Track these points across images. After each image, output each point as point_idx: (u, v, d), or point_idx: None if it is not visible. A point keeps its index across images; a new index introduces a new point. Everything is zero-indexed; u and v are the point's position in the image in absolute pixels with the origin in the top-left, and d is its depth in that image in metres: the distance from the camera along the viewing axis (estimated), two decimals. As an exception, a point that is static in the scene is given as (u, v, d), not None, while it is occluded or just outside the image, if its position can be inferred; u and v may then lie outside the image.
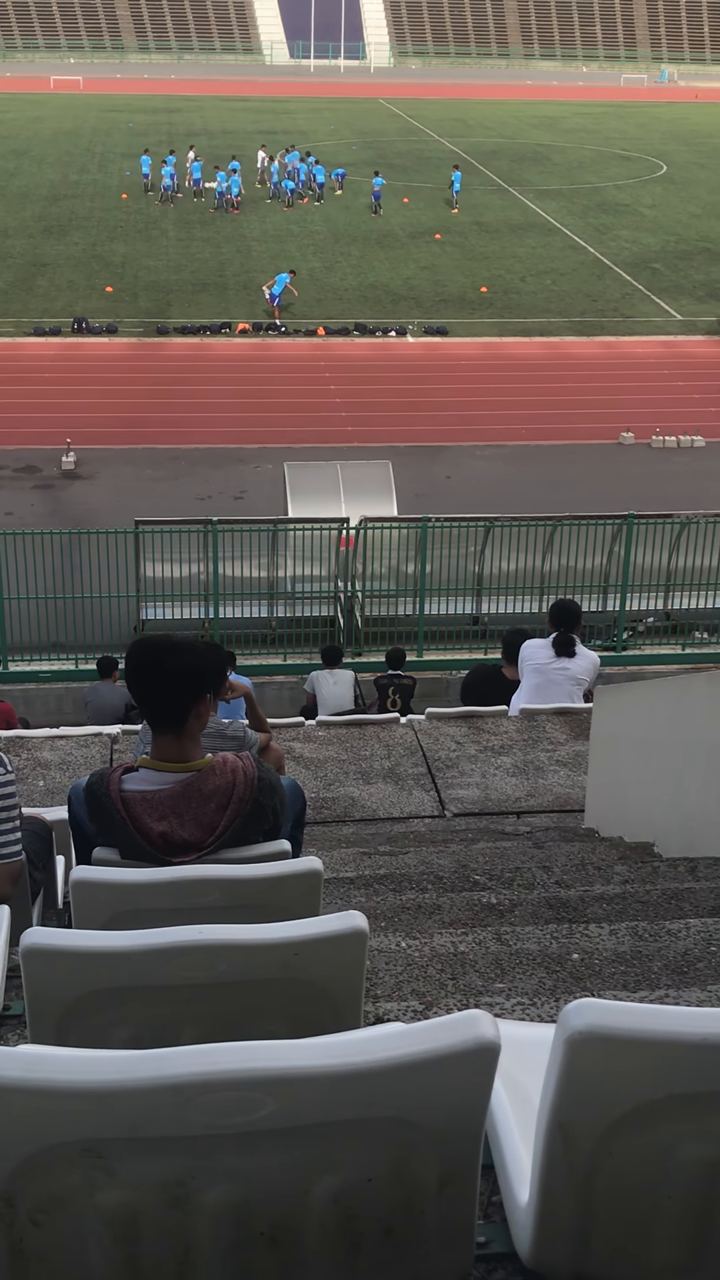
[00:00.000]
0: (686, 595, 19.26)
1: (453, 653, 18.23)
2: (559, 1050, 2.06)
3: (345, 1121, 1.99)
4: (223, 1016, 2.78)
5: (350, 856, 6.29)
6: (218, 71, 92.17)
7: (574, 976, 3.98)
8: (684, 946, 4.15)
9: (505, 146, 63.68)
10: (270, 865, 3.46)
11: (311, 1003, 2.82)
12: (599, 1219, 2.19)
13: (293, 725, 10.34)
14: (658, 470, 26.76)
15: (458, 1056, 1.98)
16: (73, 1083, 1.91)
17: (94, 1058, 1.96)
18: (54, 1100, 1.92)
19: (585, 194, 53.53)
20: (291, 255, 41.67)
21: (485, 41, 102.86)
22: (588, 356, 34.73)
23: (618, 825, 6.92)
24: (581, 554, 18.76)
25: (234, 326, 36.02)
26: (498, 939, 4.34)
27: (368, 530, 18.53)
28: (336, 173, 51.77)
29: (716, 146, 65.75)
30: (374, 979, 3.94)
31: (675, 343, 36.09)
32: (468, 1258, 2.22)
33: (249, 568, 18.56)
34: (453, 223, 47.69)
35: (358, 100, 79.03)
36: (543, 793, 8.42)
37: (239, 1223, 2.03)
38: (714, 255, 44.40)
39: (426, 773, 8.80)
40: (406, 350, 35.04)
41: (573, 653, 9.63)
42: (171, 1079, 1.91)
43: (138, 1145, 1.95)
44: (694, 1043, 2.01)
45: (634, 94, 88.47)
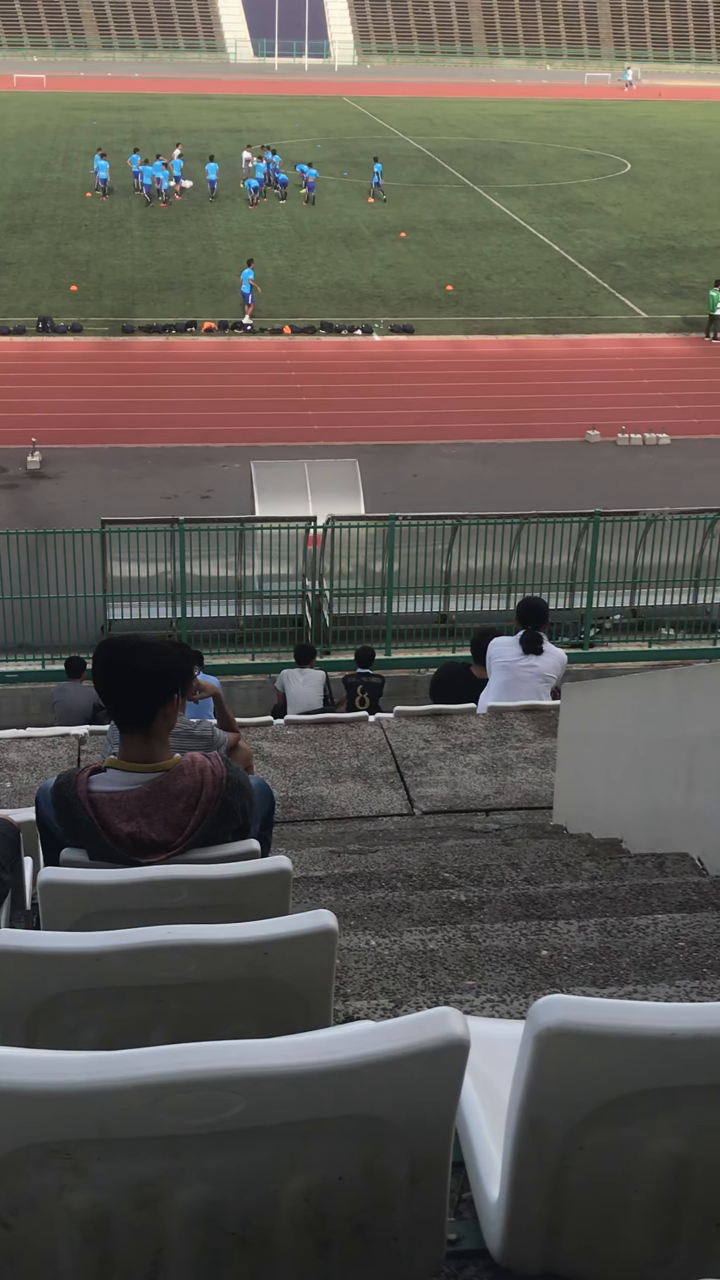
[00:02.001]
0: (652, 592, 19.35)
1: (421, 651, 18.25)
2: (528, 1046, 2.07)
3: (315, 1120, 1.99)
4: (192, 1017, 2.78)
5: (319, 855, 6.29)
6: (182, 69, 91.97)
7: (543, 973, 3.99)
8: (652, 942, 4.17)
9: (470, 145, 63.79)
10: (239, 865, 3.46)
11: (281, 1002, 2.82)
12: (569, 1214, 2.20)
13: (261, 725, 10.33)
14: (623, 468, 26.86)
15: (427, 1054, 1.99)
16: (42, 1084, 1.91)
17: (63, 1059, 1.95)
18: (23, 1102, 1.91)
19: (550, 192, 53.68)
20: (257, 254, 41.59)
21: (449, 40, 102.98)
22: (553, 355, 34.83)
23: (586, 822, 6.95)
24: (548, 552, 18.82)
25: (199, 325, 35.94)
26: (467, 936, 4.35)
27: (335, 529, 18.53)
28: (308, 173, 51.64)
29: (680, 145, 66.06)
30: (344, 977, 3.94)
31: (640, 341, 36.23)
32: (438, 1255, 2.22)
33: (216, 567, 18.53)
34: (418, 221, 47.71)
35: (322, 98, 79.02)
36: (511, 790, 8.44)
37: (209, 1223, 2.03)
38: (678, 253, 44.61)
39: (395, 771, 8.80)
40: (372, 349, 35.05)
41: (540, 650, 9.65)
42: (141, 1080, 1.90)
43: (108, 1146, 1.95)
44: (662, 1038, 2.03)
45: (598, 92, 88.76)
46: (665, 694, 6.35)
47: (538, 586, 18.15)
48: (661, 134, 69.43)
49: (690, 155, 63.14)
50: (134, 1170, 1.98)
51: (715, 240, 46.48)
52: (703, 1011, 2.06)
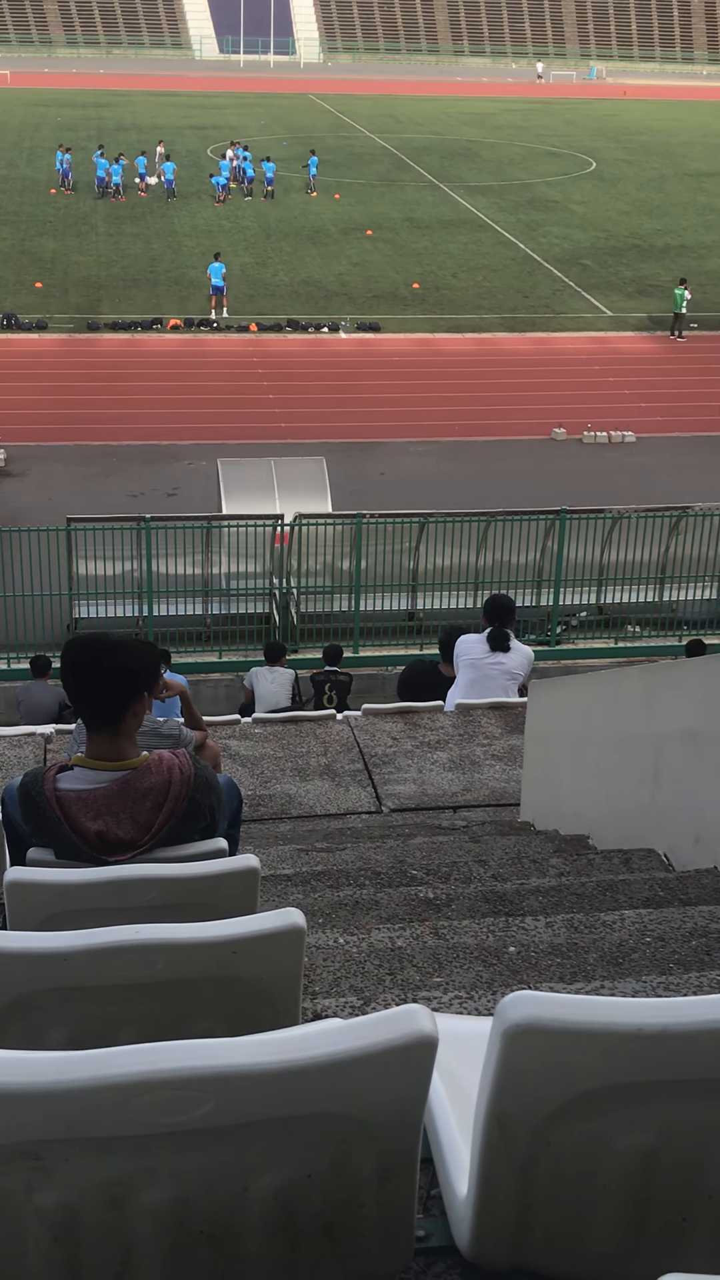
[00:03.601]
0: (619, 589, 19.43)
1: (388, 649, 18.26)
2: (496, 1043, 2.07)
3: (284, 1118, 1.99)
4: (160, 1016, 2.77)
5: (287, 854, 6.29)
6: (147, 66, 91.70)
7: (511, 969, 4.00)
8: (619, 938, 4.18)
9: (435, 143, 63.86)
10: (207, 863, 3.46)
11: (250, 1000, 2.81)
12: (537, 1210, 2.20)
13: (229, 723, 10.31)
14: (590, 466, 26.95)
15: (396, 1051, 1.99)
16: (9, 1085, 1.90)
17: (31, 1059, 1.94)
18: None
19: (515, 190, 53.80)
20: (223, 250, 41.52)
21: (415, 38, 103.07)
22: (519, 353, 34.91)
23: (553, 818, 6.97)
24: (515, 549, 18.87)
25: (165, 322, 35.84)
26: (435, 933, 4.36)
27: (302, 526, 18.52)
28: (266, 167, 51.64)
29: (645, 143, 66.33)
30: (312, 975, 3.94)
31: (606, 339, 36.36)
32: (407, 1252, 2.23)
33: (183, 565, 18.48)
34: (384, 219, 47.72)
35: (288, 96, 78.92)
36: (478, 787, 8.46)
37: (178, 1222, 2.03)
38: (643, 252, 44.79)
39: (363, 769, 8.81)
40: (339, 346, 35.05)
41: (507, 647, 9.68)
42: (109, 1079, 1.90)
43: (76, 1146, 1.94)
44: (629, 1033, 2.04)
45: (562, 90, 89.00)
46: (631, 691, 6.38)
47: (505, 584, 18.19)
48: (626, 132, 69.69)
49: (655, 154, 63.40)
50: (103, 1170, 1.97)
51: (680, 239, 46.71)
52: (669, 1007, 2.07)
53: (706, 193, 54.92)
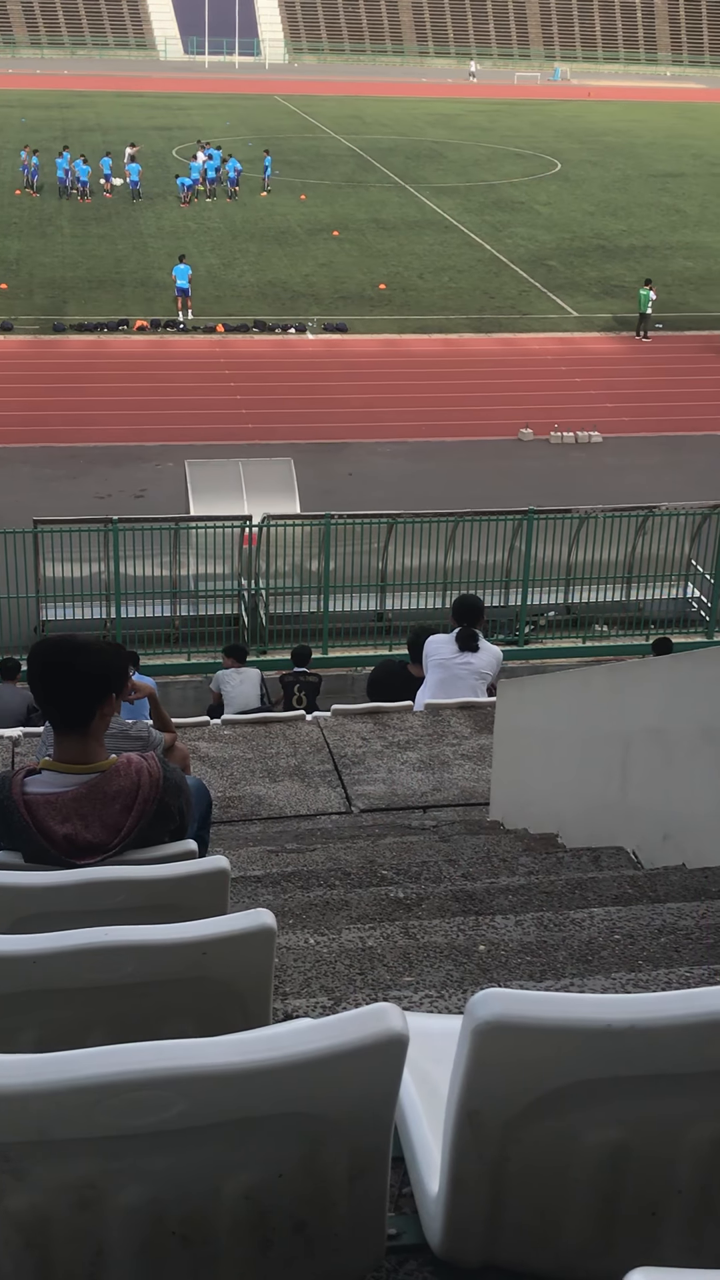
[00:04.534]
0: (586, 589, 19.51)
1: (357, 649, 18.28)
2: (466, 1040, 2.08)
3: (255, 1118, 2.00)
4: (131, 1018, 2.77)
5: (257, 855, 6.28)
6: (111, 67, 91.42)
7: (481, 968, 4.01)
8: (588, 935, 4.20)
9: (401, 143, 63.92)
10: (176, 865, 3.45)
11: (220, 1001, 2.81)
12: (509, 1206, 2.21)
13: (198, 724, 10.30)
14: (556, 466, 27.04)
15: (366, 1050, 2.00)
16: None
17: (1, 1062, 1.94)
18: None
19: (481, 191, 53.92)
20: (189, 251, 41.44)
21: (380, 39, 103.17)
22: (486, 353, 34.98)
23: (522, 817, 6.99)
24: (483, 549, 18.92)
25: (132, 324, 35.75)
26: (405, 933, 4.37)
27: (271, 528, 18.51)
28: (232, 164, 51.69)
29: (609, 144, 66.58)
30: (283, 976, 3.94)
31: (572, 339, 36.49)
32: (379, 1250, 2.23)
33: (151, 567, 18.45)
34: (350, 219, 47.75)
35: (253, 96, 78.85)
36: (448, 787, 8.48)
37: (150, 1223, 2.03)
38: (608, 252, 44.96)
39: (333, 769, 8.81)
40: (306, 347, 35.04)
41: (476, 647, 9.71)
42: (80, 1081, 1.90)
43: (47, 1148, 1.94)
44: (598, 1029, 2.05)
45: (527, 91, 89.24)
46: (599, 690, 6.41)
47: (473, 584, 18.23)
48: (591, 134, 69.94)
49: (619, 155, 63.66)
50: (74, 1172, 1.97)
51: (645, 240, 46.91)
52: (638, 1003, 2.08)
53: (671, 193, 55.19)
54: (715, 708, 4.98)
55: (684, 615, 19.65)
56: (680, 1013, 2.06)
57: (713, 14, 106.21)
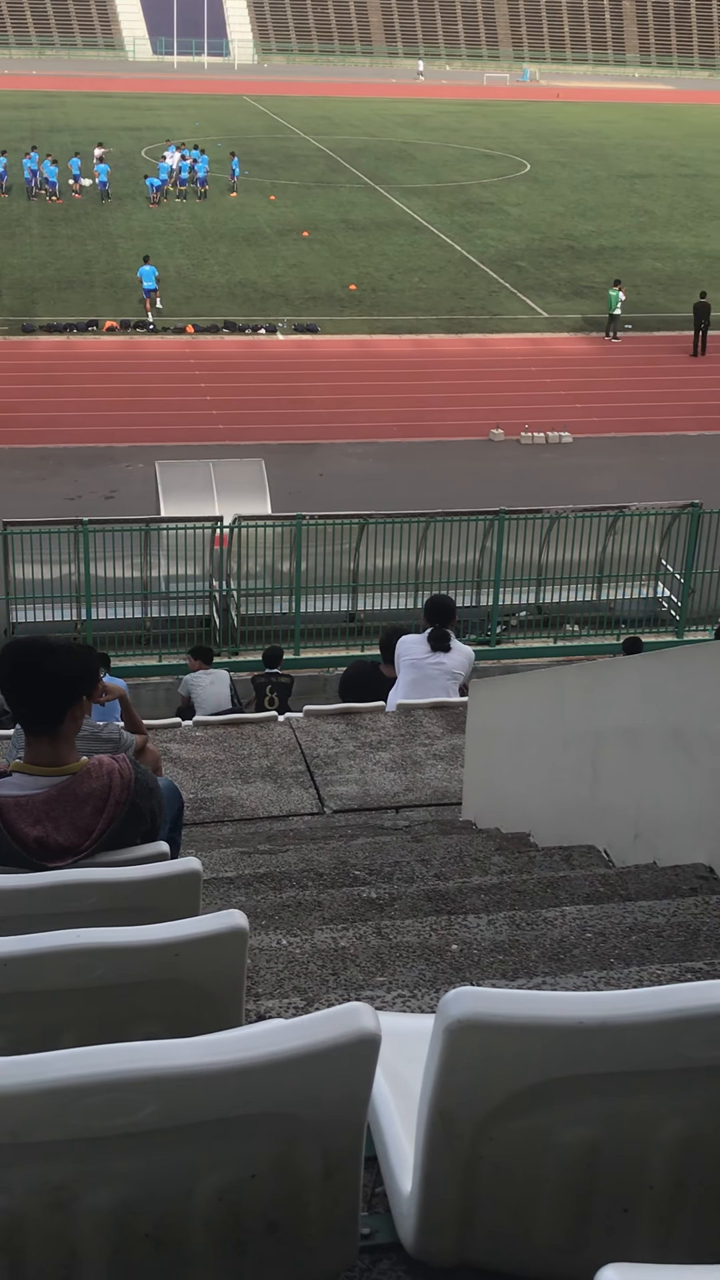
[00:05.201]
0: (557, 589, 19.57)
1: (329, 650, 18.28)
2: (439, 1039, 2.08)
3: (228, 1119, 1.99)
4: (103, 1020, 2.76)
5: (230, 856, 6.28)
6: (80, 67, 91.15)
7: (453, 967, 4.02)
8: (560, 934, 4.21)
9: (371, 144, 63.95)
10: (148, 867, 3.44)
11: (193, 1003, 2.81)
12: (481, 1205, 2.22)
13: (169, 726, 10.28)
14: (527, 466, 27.10)
15: (339, 1049, 2.00)
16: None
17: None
18: (-68, 1111, 1.89)
19: (451, 192, 53.99)
20: (159, 252, 41.36)
21: (349, 39, 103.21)
22: (456, 354, 35.04)
23: (494, 817, 7.01)
24: (455, 550, 18.95)
25: (101, 324, 35.65)
26: (378, 933, 4.37)
27: (242, 529, 18.49)
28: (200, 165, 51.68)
29: (578, 145, 66.78)
30: (255, 977, 3.94)
31: (542, 340, 36.58)
32: (352, 1250, 2.24)
33: (121, 568, 18.40)
34: (320, 220, 47.75)
35: (222, 97, 78.77)
36: (420, 787, 8.49)
37: (123, 1225, 2.02)
38: (578, 253, 45.10)
39: (305, 770, 8.81)
40: (277, 348, 35.01)
41: (448, 647, 9.73)
42: (53, 1083, 1.89)
43: (19, 1151, 1.93)
44: (570, 1027, 2.05)
45: (497, 92, 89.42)
46: (570, 689, 6.44)
47: (445, 584, 18.26)
48: (560, 135, 70.14)
49: (588, 156, 63.86)
50: (46, 1174, 1.97)
51: (614, 240, 47.07)
52: (609, 1000, 2.09)
53: (639, 194, 55.41)
54: (685, 707, 5.01)
55: (654, 615, 19.73)
56: (651, 1010, 2.07)
57: (680, 16, 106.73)
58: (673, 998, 2.08)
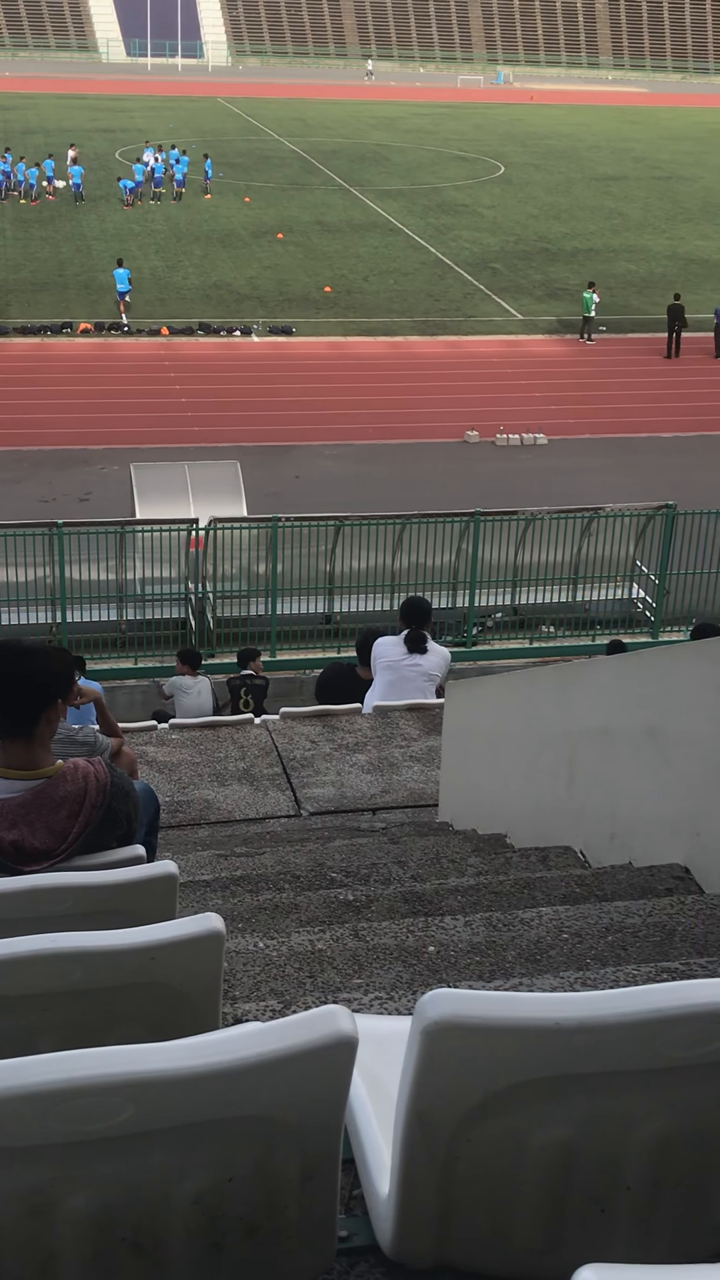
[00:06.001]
0: (533, 590, 19.60)
1: (306, 652, 18.27)
2: (415, 1041, 2.09)
3: (205, 1122, 1.99)
4: (80, 1024, 2.76)
5: (206, 859, 6.27)
6: (53, 69, 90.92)
7: (430, 969, 4.02)
8: (537, 935, 4.22)
9: (345, 146, 63.97)
10: (124, 871, 3.44)
11: (170, 1006, 2.81)
12: (459, 1206, 2.22)
13: (145, 729, 10.26)
14: (502, 468, 27.15)
15: (316, 1052, 2.00)
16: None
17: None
18: None
19: (425, 194, 54.05)
20: (133, 254, 41.27)
21: (323, 41, 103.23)
22: (432, 356, 35.07)
23: (471, 818, 7.02)
24: (430, 551, 18.96)
25: (75, 326, 35.56)
26: (355, 935, 4.37)
27: (217, 531, 18.46)
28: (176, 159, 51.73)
29: (552, 148, 66.94)
30: (232, 980, 3.94)
31: (517, 342, 36.65)
32: (330, 1252, 2.24)
33: (96, 570, 18.34)
34: (294, 222, 47.73)
35: (196, 99, 78.69)
36: (397, 788, 8.49)
37: (101, 1229, 2.02)
38: (552, 255, 45.20)
39: (282, 773, 8.81)
40: (252, 350, 34.98)
41: (424, 649, 9.73)
42: (30, 1088, 1.89)
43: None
44: (547, 1028, 2.06)
45: (471, 95, 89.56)
46: (546, 690, 6.45)
47: (421, 586, 18.28)
48: (534, 137, 70.30)
49: (562, 158, 64.03)
50: (24, 1179, 1.96)
51: (588, 243, 47.20)
52: (585, 1001, 2.10)
53: (613, 197, 55.57)
54: (660, 708, 5.02)
55: (629, 615, 19.78)
56: (627, 1010, 2.07)
57: (653, 18, 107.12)
58: (649, 998, 2.09)
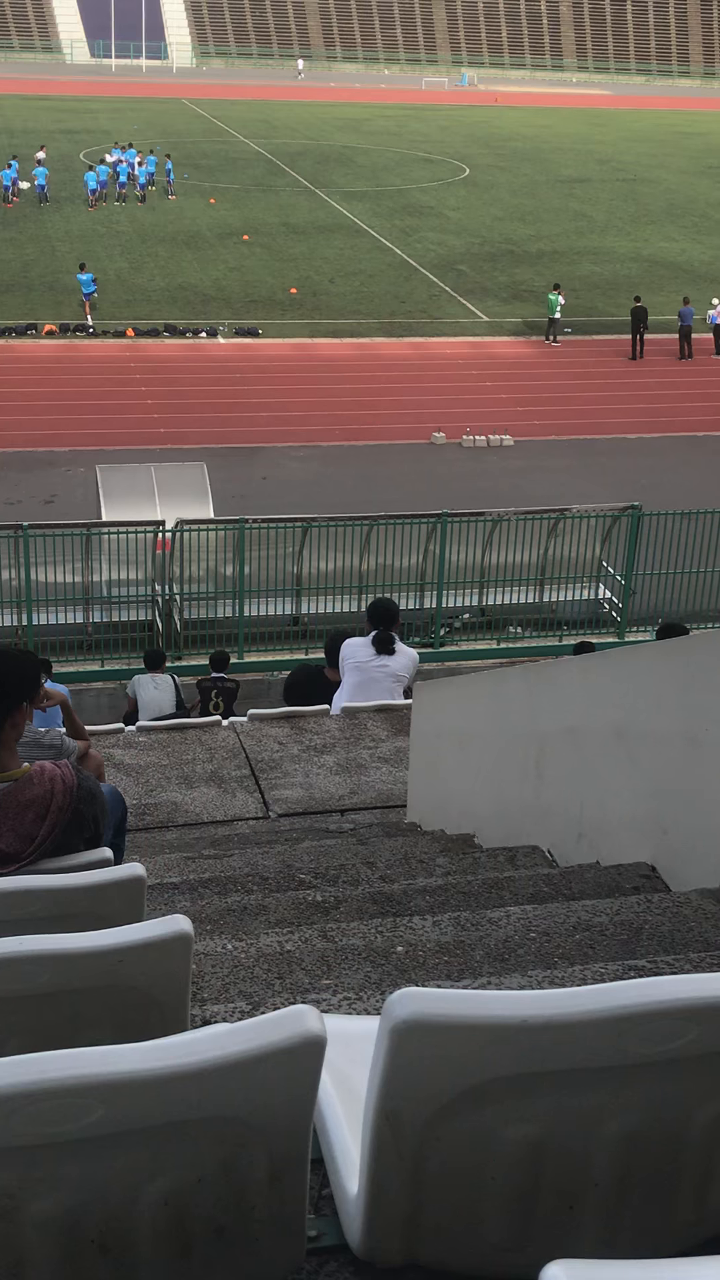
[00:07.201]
0: (500, 591, 19.65)
1: (273, 654, 18.26)
2: (384, 1040, 2.09)
3: (174, 1124, 1.99)
4: (47, 1027, 2.75)
5: (174, 861, 6.26)
6: (16, 70, 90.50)
7: (399, 969, 4.03)
8: (504, 934, 4.23)
9: (310, 148, 63.96)
10: (92, 874, 3.43)
11: (138, 1009, 2.80)
12: (428, 1205, 2.23)
13: (112, 731, 10.23)
14: (469, 469, 27.21)
15: (284, 1052, 2.00)
16: None
17: None
18: None
19: (390, 196, 54.10)
20: (98, 256, 41.15)
21: (287, 43, 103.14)
22: (398, 357, 35.11)
23: (439, 818, 7.03)
24: (398, 553, 18.98)
25: (40, 328, 35.42)
26: (323, 936, 4.37)
27: (184, 532, 18.43)
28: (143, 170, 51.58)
29: (517, 150, 67.12)
30: (200, 982, 3.93)
31: (482, 343, 36.73)
32: (299, 1252, 2.24)
33: (63, 573, 18.28)
34: (260, 223, 47.71)
35: (161, 100, 78.51)
36: (365, 789, 8.50)
37: (70, 1231, 2.01)
38: (517, 257, 45.33)
39: (250, 774, 8.80)
40: (218, 351, 34.94)
41: (392, 650, 9.75)
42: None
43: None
44: (514, 1025, 2.06)
45: (435, 97, 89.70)
46: (513, 691, 6.47)
47: (388, 587, 18.30)
48: (498, 139, 70.47)
49: (527, 160, 64.21)
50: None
51: (553, 244, 47.36)
52: (552, 998, 2.10)
53: (578, 199, 55.78)
54: (626, 707, 5.05)
55: (596, 616, 19.86)
56: (594, 1007, 2.08)
57: (617, 21, 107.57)
58: (616, 995, 2.10)
